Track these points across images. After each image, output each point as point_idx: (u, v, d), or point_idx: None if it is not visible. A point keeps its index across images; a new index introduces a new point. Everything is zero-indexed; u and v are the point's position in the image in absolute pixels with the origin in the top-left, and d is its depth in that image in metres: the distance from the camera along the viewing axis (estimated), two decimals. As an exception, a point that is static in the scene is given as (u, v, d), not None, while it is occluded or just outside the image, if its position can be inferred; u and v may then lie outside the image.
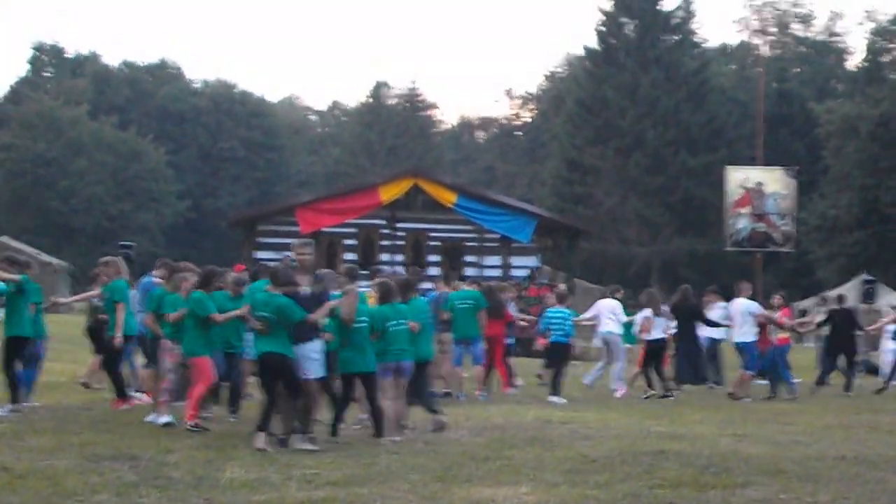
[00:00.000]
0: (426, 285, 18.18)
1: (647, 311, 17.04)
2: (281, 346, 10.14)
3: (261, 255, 27.68)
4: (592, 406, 14.93)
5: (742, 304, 17.14)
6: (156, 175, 71.52)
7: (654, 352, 17.00)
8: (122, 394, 13.00)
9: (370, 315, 10.83)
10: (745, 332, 16.91)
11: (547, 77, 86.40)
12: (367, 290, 11.70)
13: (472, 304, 15.64)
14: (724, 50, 76.55)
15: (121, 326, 12.57)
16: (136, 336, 12.98)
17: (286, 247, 28.47)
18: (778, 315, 18.50)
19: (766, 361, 17.77)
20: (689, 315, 17.95)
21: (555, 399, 15.37)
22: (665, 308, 17.52)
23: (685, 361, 17.95)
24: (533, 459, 9.48)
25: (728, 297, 18.79)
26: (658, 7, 59.11)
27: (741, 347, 17.00)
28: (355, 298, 10.75)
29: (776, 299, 19.31)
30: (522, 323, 18.77)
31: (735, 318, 17.16)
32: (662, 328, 17.16)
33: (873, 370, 21.59)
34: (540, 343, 17.39)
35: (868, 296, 32.44)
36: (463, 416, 12.71)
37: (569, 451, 10.04)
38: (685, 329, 17.91)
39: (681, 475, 8.69)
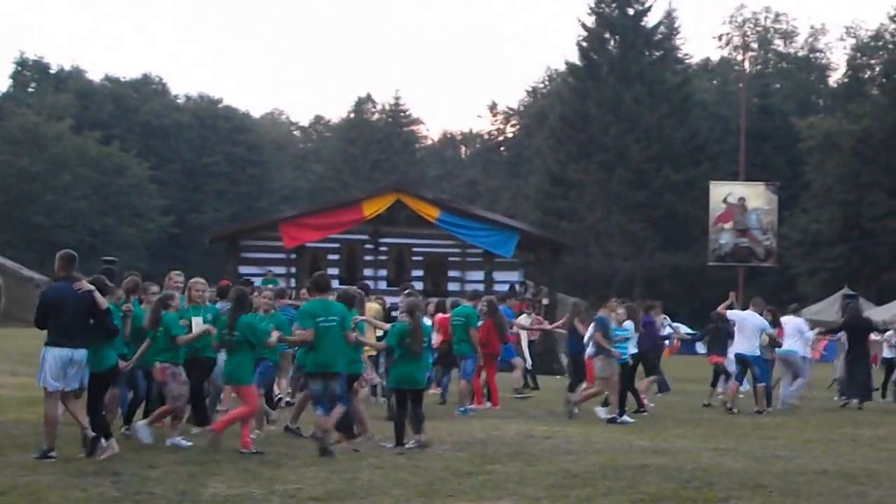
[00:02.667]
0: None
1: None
2: None
3: (244, 270, 27.61)
4: (574, 421, 14.96)
5: (757, 320, 17.30)
6: (139, 190, 71.32)
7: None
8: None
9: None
10: (755, 346, 17.12)
11: (529, 92, 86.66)
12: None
13: (464, 321, 15.64)
14: (706, 66, 76.89)
15: None
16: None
17: (270, 262, 28.58)
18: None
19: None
20: (862, 329, 18.44)
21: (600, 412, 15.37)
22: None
23: (854, 377, 18.20)
24: (515, 474, 9.49)
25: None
26: (641, 23, 59.31)
27: (751, 360, 17.14)
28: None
29: (767, 315, 19.26)
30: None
31: (745, 332, 17.24)
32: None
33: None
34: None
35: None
36: (445, 431, 12.71)
37: (551, 465, 10.06)
38: (857, 343, 18.29)
39: (663, 490, 8.72)
